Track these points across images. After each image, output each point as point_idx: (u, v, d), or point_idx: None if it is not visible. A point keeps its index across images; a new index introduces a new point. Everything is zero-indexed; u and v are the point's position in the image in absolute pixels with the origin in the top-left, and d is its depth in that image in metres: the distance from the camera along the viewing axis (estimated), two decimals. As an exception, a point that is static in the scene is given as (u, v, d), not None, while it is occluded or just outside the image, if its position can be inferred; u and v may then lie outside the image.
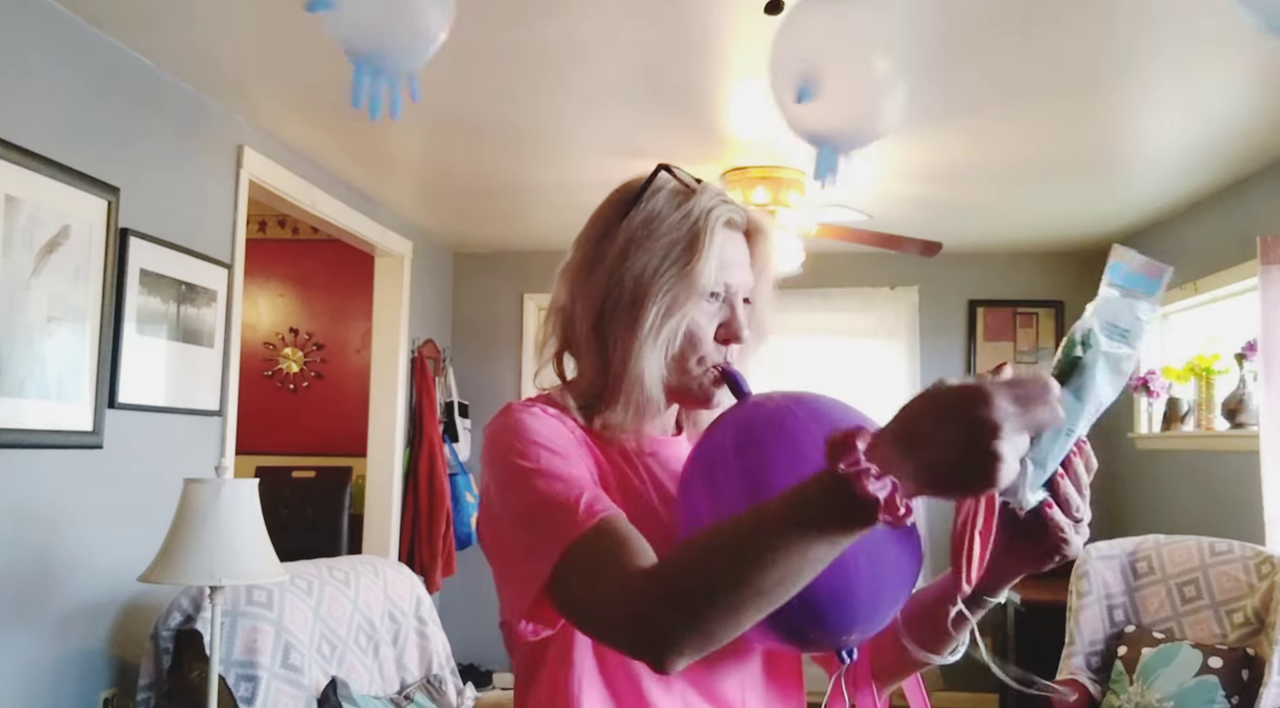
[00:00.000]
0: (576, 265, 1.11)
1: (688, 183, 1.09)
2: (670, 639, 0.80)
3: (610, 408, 1.06)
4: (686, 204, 1.07)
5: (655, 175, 1.10)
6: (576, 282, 1.10)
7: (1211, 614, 3.23)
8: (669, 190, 1.09)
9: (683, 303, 1.04)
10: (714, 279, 1.05)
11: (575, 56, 2.79)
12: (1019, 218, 4.62)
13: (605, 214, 1.11)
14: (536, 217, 4.64)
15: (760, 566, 0.75)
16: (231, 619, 2.51)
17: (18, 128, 2.37)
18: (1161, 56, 2.69)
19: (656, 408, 1.08)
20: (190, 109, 3.08)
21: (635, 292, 1.05)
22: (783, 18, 1.74)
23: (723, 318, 1.07)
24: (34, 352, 2.42)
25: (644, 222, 1.07)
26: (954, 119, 3.24)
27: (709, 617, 0.78)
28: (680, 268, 1.04)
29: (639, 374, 1.04)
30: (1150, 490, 4.63)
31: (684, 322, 1.05)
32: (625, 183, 1.13)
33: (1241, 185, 3.83)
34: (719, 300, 1.07)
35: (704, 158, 3.65)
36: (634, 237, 1.07)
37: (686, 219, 1.05)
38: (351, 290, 5.66)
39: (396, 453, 4.73)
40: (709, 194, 1.08)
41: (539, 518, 0.93)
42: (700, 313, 1.06)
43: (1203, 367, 4.05)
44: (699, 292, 1.04)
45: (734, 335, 1.07)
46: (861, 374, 5.35)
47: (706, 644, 0.80)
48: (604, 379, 1.07)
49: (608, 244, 1.08)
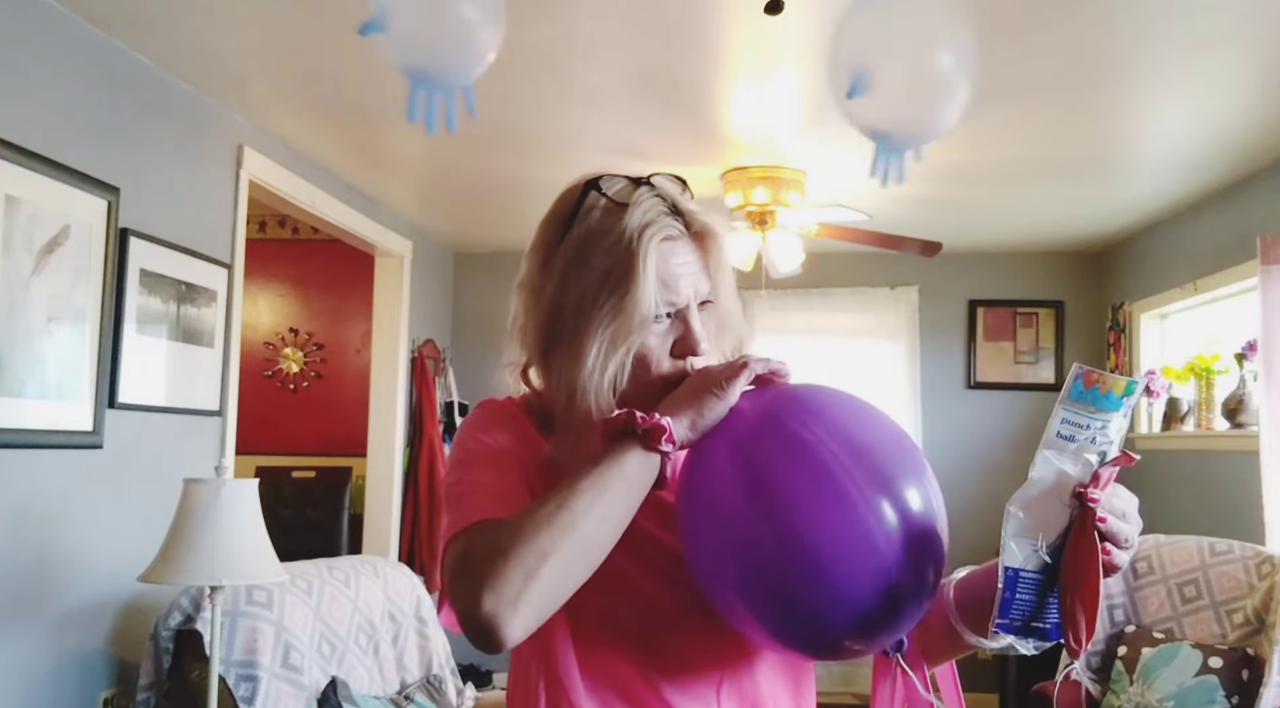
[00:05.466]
0: (527, 286, 1.08)
1: (618, 200, 1.02)
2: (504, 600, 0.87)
3: (560, 436, 1.05)
4: (619, 225, 1.01)
5: (584, 196, 1.04)
6: (527, 306, 1.08)
7: (1211, 614, 3.23)
8: (600, 209, 1.03)
9: (625, 335, 1.00)
10: (656, 302, 1.00)
11: (575, 56, 2.78)
12: (1019, 218, 4.62)
13: (546, 234, 1.08)
14: (537, 217, 4.55)
15: (581, 516, 0.90)
16: (231, 619, 2.51)
17: (18, 128, 2.36)
18: (1162, 56, 2.69)
19: None
20: (190, 109, 3.08)
21: (576, 324, 1.01)
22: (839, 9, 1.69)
23: (676, 334, 1.03)
24: (34, 352, 2.42)
25: (578, 248, 1.02)
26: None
27: (542, 573, 0.87)
28: (619, 299, 0.99)
29: (586, 410, 1.01)
30: (1150, 490, 4.63)
31: (629, 354, 1.01)
32: (563, 193, 1.08)
33: (1241, 185, 3.83)
34: (669, 319, 1.03)
35: (704, 158, 3.65)
36: (569, 264, 1.03)
37: (619, 243, 1.00)
38: (351, 290, 5.66)
39: (396, 453, 4.73)
40: (641, 209, 1.01)
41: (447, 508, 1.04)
42: (649, 336, 1.01)
43: (1203, 367, 4.05)
44: (640, 320, 0.99)
45: (689, 350, 1.03)
46: (861, 374, 5.35)
47: (543, 605, 0.88)
48: (556, 407, 1.05)
49: (550, 270, 1.05)
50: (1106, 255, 5.20)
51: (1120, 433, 0.89)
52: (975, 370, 5.36)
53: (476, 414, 1.11)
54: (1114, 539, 0.87)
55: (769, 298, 5.23)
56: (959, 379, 5.37)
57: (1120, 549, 0.88)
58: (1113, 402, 0.87)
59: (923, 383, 5.33)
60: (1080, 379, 0.87)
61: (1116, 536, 0.88)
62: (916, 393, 5.30)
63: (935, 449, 5.12)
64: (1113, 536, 0.87)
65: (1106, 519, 0.87)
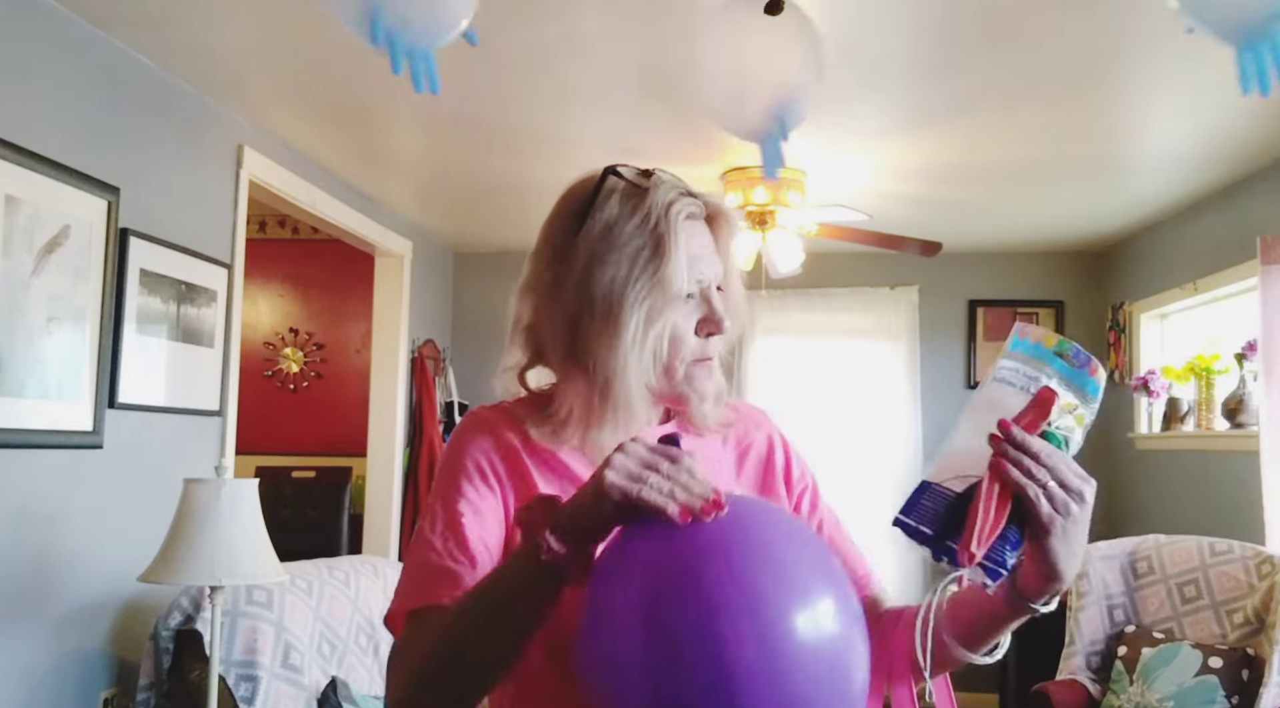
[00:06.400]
0: (539, 285, 1.08)
1: (636, 182, 1.05)
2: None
3: (598, 427, 1.05)
4: (643, 205, 1.02)
5: (603, 181, 1.06)
6: (542, 302, 1.08)
7: (1211, 614, 3.23)
8: (620, 193, 1.04)
9: (661, 308, 1.01)
10: (686, 278, 1.02)
11: (575, 56, 2.79)
12: (1019, 218, 4.62)
13: (558, 228, 1.08)
14: (536, 217, 4.54)
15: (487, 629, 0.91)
16: (231, 619, 2.52)
17: (18, 128, 2.36)
18: (1162, 57, 2.69)
19: (642, 422, 1.07)
20: (190, 109, 3.08)
21: (609, 306, 1.02)
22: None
23: (702, 313, 1.05)
24: (34, 352, 2.42)
25: (602, 232, 1.03)
26: (954, 119, 3.24)
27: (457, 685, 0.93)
28: (652, 274, 1.01)
29: (626, 391, 1.02)
30: (1150, 490, 4.63)
31: (667, 327, 1.02)
32: (569, 189, 1.09)
33: (1241, 185, 3.83)
34: (695, 298, 1.05)
35: (704, 158, 3.66)
36: (595, 249, 1.03)
37: (646, 221, 1.02)
38: (351, 290, 5.66)
39: (396, 453, 4.73)
40: (663, 189, 1.04)
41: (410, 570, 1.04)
42: (678, 314, 1.03)
43: (1203, 367, 4.05)
44: (675, 294, 1.01)
45: (716, 328, 1.05)
46: (861, 374, 5.35)
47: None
48: (590, 400, 1.04)
49: (570, 261, 1.04)
50: (1106, 255, 5.20)
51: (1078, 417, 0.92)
52: (975, 371, 5.36)
53: (459, 436, 1.09)
54: (1023, 469, 0.86)
55: (769, 298, 5.23)
56: (959, 379, 5.37)
57: (1033, 484, 0.86)
58: (1045, 353, 0.92)
59: (923, 383, 5.33)
60: (1017, 333, 0.94)
61: (1027, 468, 0.86)
62: (916, 393, 5.30)
63: (935, 449, 5.11)
64: (1022, 467, 0.86)
65: (1005, 445, 0.87)
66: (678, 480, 0.84)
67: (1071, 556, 0.90)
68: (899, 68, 2.83)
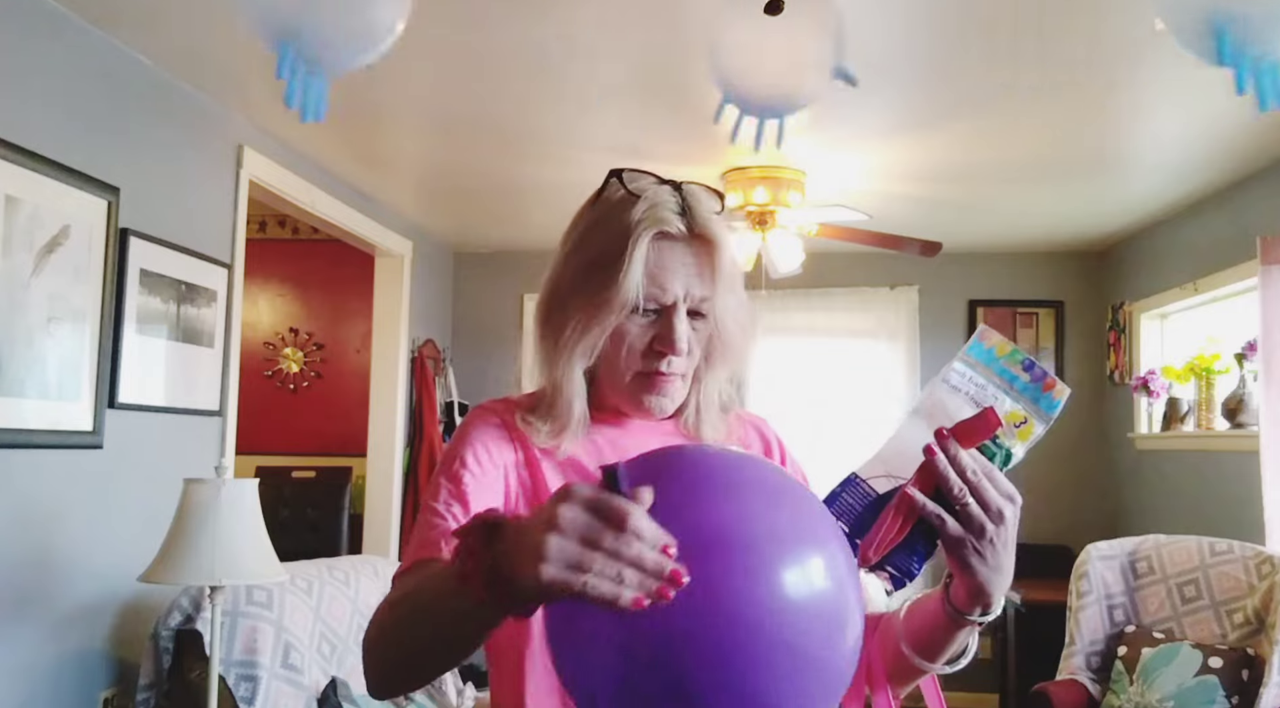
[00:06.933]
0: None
1: (632, 191, 1.03)
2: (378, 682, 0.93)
3: (541, 422, 1.06)
4: (624, 215, 1.02)
5: (606, 183, 1.06)
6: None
7: (1211, 614, 3.23)
8: (615, 199, 1.04)
9: (600, 318, 1.01)
10: (637, 293, 1.00)
11: (574, 56, 2.78)
12: (1019, 218, 4.62)
13: (573, 221, 1.10)
14: (536, 217, 4.63)
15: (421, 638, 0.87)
16: (231, 619, 2.52)
17: (18, 128, 2.36)
18: (1162, 56, 2.68)
19: (579, 423, 1.06)
20: (190, 109, 3.08)
21: (563, 303, 1.04)
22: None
23: (656, 330, 1.03)
24: (34, 352, 2.42)
25: (584, 231, 1.06)
26: (954, 119, 3.24)
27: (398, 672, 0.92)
28: (600, 282, 1.01)
29: (557, 390, 1.04)
30: (1150, 491, 4.63)
31: (602, 337, 1.02)
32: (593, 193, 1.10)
33: (1241, 185, 3.83)
34: (651, 314, 1.03)
35: (704, 158, 3.65)
36: (573, 244, 1.06)
37: (617, 231, 1.01)
38: (351, 290, 5.65)
39: (396, 453, 4.73)
40: (648, 203, 1.02)
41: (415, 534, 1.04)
42: (629, 325, 1.02)
43: (1203, 367, 4.05)
44: (619, 305, 1.00)
45: (668, 348, 1.03)
46: (861, 375, 5.35)
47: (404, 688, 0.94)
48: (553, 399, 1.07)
49: (563, 249, 1.08)
50: (1106, 255, 5.20)
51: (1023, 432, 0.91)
52: (975, 370, 5.35)
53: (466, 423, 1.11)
54: (943, 481, 0.86)
55: (769, 298, 5.23)
56: (959, 379, 5.37)
57: (953, 496, 0.86)
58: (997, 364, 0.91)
59: (923, 383, 5.32)
60: (978, 336, 0.93)
61: (946, 478, 0.86)
62: (916, 393, 5.30)
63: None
64: (942, 476, 0.86)
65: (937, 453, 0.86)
66: (626, 557, 0.68)
67: (995, 571, 0.89)
68: (899, 68, 2.83)
